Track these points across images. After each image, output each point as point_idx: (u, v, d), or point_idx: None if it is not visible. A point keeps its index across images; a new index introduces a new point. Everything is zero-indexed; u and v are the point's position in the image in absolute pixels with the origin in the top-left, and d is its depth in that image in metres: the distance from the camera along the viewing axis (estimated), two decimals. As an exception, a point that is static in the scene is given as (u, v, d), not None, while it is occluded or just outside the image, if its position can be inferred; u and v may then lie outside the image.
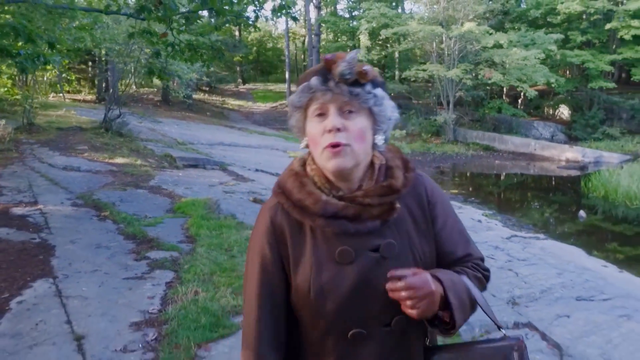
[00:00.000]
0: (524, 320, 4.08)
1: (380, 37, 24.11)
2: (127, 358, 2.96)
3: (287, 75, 31.78)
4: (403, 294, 1.12)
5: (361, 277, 1.18)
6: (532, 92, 20.57)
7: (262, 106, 31.20)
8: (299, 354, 1.26)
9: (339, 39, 29.23)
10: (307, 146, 1.24)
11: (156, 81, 25.25)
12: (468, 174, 17.35)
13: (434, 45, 22.10)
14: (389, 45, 26.26)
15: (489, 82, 20.52)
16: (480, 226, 8.32)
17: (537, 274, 5.63)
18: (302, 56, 44.80)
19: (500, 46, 20.08)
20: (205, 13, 8.34)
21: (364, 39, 23.15)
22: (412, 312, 1.13)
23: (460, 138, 21.94)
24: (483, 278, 1.31)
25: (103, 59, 21.35)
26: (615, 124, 23.47)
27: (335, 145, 1.15)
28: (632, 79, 23.76)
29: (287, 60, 33.20)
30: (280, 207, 1.23)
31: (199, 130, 17.53)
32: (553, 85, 22.23)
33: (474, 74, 20.86)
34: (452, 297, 1.16)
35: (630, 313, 4.60)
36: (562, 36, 22.44)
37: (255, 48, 44.02)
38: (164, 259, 4.52)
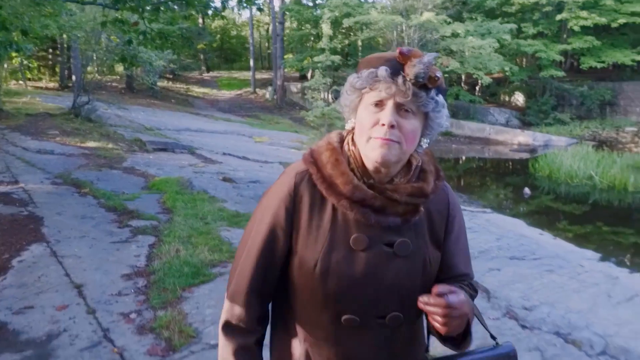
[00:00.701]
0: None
1: (343, 26, 24.69)
2: (122, 300, 3.50)
3: (251, 63, 32.01)
4: (439, 310, 1.12)
5: (369, 267, 1.19)
6: (487, 80, 21.55)
7: (227, 94, 31.41)
8: (289, 327, 1.29)
9: (303, 27, 29.61)
10: (352, 128, 1.24)
11: (120, 69, 25.24)
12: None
13: (395, 34, 22.83)
14: (352, 33, 26.86)
15: (447, 69, 21.37)
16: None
17: (478, 239, 6.35)
18: (267, 44, 44.94)
19: (457, 35, 20.95)
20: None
21: (326, 28, 23.62)
22: (442, 329, 1.14)
23: (420, 124, 22.79)
24: (475, 295, 1.37)
25: (66, 45, 21.27)
26: (566, 110, 24.76)
27: (385, 139, 1.14)
28: (581, 67, 25.05)
29: (251, 48, 33.41)
30: (308, 175, 1.22)
31: (165, 117, 17.80)
32: (507, 74, 23.30)
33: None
34: (470, 316, 1.20)
35: (554, 269, 5.35)
36: (516, 26, 23.48)
37: (219, 36, 43.94)
38: (145, 227, 5.03)
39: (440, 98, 1.18)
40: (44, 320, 3.20)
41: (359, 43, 28.04)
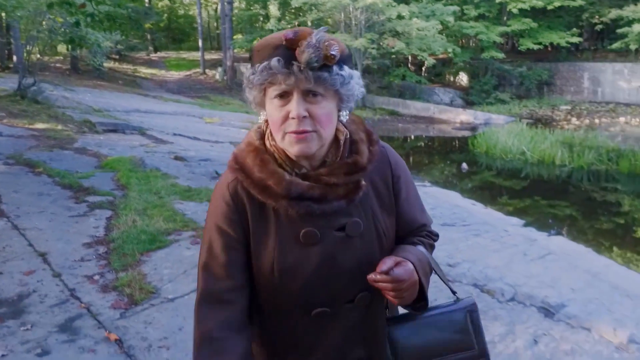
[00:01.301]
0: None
1: (293, 7, 24.86)
2: (85, 264, 3.85)
3: (200, 44, 31.76)
4: (388, 285, 1.13)
5: (326, 257, 1.17)
6: (431, 61, 22.33)
7: (175, 75, 31.09)
8: (262, 334, 1.28)
9: (252, 8, 29.55)
10: (266, 121, 1.19)
11: (63, 49, 24.58)
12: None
13: (342, 15, 23.21)
14: (301, 14, 27.05)
15: (393, 50, 21.99)
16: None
17: (414, 208, 6.93)
18: (215, 24, 44.44)
19: (402, 17, 21.54)
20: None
21: (274, 10, 23.78)
22: (396, 301, 1.17)
23: (368, 104, 23.41)
24: (434, 243, 1.37)
25: (4, 24, 20.59)
26: (507, 89, 25.91)
27: (300, 132, 1.10)
28: (519, 48, 26.22)
29: (199, 28, 33.10)
30: (239, 183, 1.18)
31: (113, 99, 17.66)
32: (451, 55, 24.15)
33: (379, 44, 22.27)
34: (422, 277, 1.19)
35: (480, 233, 5.95)
36: (458, 8, 24.31)
37: (166, 15, 43.11)
38: (101, 202, 5.33)
39: (345, 70, 1.12)
40: (13, 284, 3.51)
41: (309, 24, 28.31)
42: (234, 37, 28.22)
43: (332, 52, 1.06)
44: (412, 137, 18.97)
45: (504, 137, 13.78)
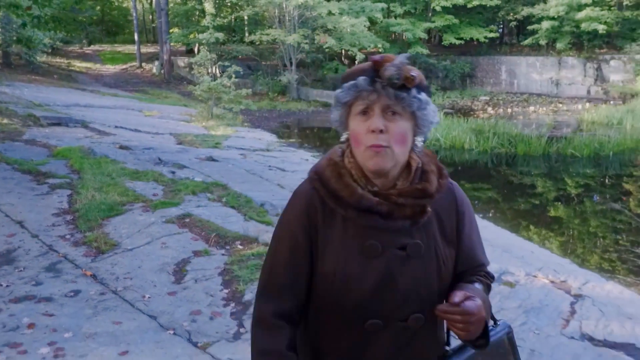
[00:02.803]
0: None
1: (229, 2, 25.61)
2: (57, 228, 4.79)
3: (136, 37, 31.77)
4: (458, 317, 1.19)
5: (385, 272, 1.24)
6: (361, 56, 23.70)
7: (111, 68, 31.05)
8: (310, 336, 1.34)
9: (188, 2, 29.95)
10: (347, 139, 1.29)
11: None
12: (306, 127, 20.03)
13: (277, 11, 24.21)
14: (238, 8, 27.79)
15: (325, 46, 23.23)
16: (306, 163, 10.68)
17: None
18: (151, 17, 44.22)
19: (332, 14, 22.80)
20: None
21: (209, 7, 24.46)
22: (461, 334, 1.22)
23: (303, 96, 24.57)
24: (491, 285, 1.42)
25: None
26: (433, 82, 27.72)
27: (377, 146, 1.20)
28: (443, 43, 28.11)
29: (135, 21, 33.07)
30: (316, 193, 1.29)
31: (51, 93, 17.91)
32: (380, 50, 25.64)
33: (312, 39, 23.45)
34: (487, 317, 1.27)
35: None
36: (386, 5, 25.83)
37: (99, 7, 42.49)
38: (60, 183, 6.20)
39: (423, 96, 1.23)
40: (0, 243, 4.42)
41: (245, 18, 29.05)
42: (171, 31, 28.56)
43: (413, 74, 1.19)
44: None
45: (422, 125, 15.25)
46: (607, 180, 11.32)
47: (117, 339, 3.08)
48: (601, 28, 23.87)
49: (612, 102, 22.96)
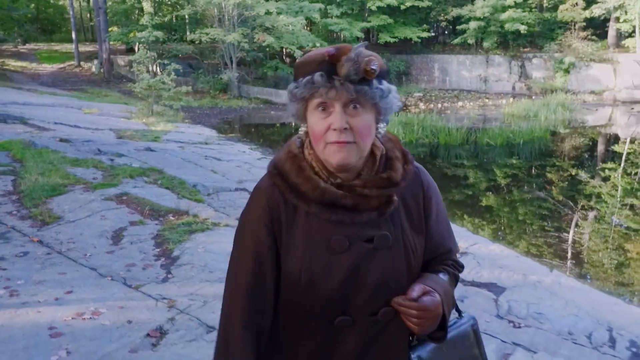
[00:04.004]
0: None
1: (168, 1, 25.84)
2: (3, 206, 5.33)
3: (73, 35, 31.36)
4: (413, 312, 1.18)
5: (353, 267, 1.20)
6: (299, 53, 24.49)
7: (48, 67, 30.58)
8: (279, 336, 1.30)
9: (126, 1, 29.86)
10: (306, 132, 1.24)
11: None
12: (247, 124, 20.67)
13: (216, 10, 24.67)
14: (178, 6, 28.00)
15: (264, 44, 23.90)
16: (242, 155, 11.34)
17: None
18: (89, 15, 43.48)
19: (270, 13, 23.52)
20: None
21: (147, 6, 24.65)
22: (415, 329, 1.20)
23: (244, 94, 25.15)
24: (459, 274, 1.39)
25: None
26: (371, 79, 28.91)
27: (340, 143, 1.15)
28: (379, 42, 29.33)
29: (72, 20, 32.61)
30: (276, 188, 1.24)
31: (-15, 92, 17.80)
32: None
33: (252, 38, 24.07)
34: (446, 310, 1.25)
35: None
36: (323, 6, 26.75)
37: (33, 5, 41.43)
38: (3, 171, 6.66)
39: (384, 84, 1.18)
40: (-50, 219, 4.92)
41: (186, 17, 29.26)
42: (110, 29, 28.45)
43: (372, 67, 1.12)
44: (283, 123, 21.06)
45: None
46: (511, 163, 12.57)
47: (63, 284, 3.72)
48: (523, 28, 25.62)
49: (534, 97, 24.70)
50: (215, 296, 3.55)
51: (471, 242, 5.93)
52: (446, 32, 33.51)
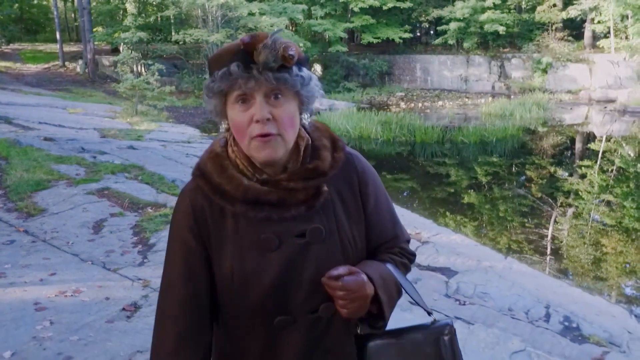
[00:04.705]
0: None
1: (153, 2, 26.06)
2: (-9, 200, 5.64)
3: (58, 36, 31.41)
4: (338, 292, 1.14)
5: (286, 264, 1.16)
6: (282, 54, 24.90)
7: (32, 67, 30.61)
8: (218, 342, 1.27)
9: (111, 1, 30.00)
10: (227, 129, 1.20)
11: None
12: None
13: (200, 11, 24.96)
14: (163, 7, 28.22)
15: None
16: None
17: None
18: (73, 15, 43.46)
19: (253, 14, 23.87)
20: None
21: (130, 7, 24.87)
22: (343, 311, 1.16)
23: (229, 94, 25.41)
24: (408, 263, 1.34)
25: None
26: (354, 79, 29.37)
27: (265, 135, 1.11)
28: (362, 42, 29.80)
29: (56, 20, 32.67)
30: (200, 190, 1.20)
31: (-30, 92, 17.95)
32: (303, 49, 26.93)
33: (234, 38, 24.39)
34: (382, 295, 1.19)
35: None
36: (307, 7, 27.15)
37: (17, 5, 41.30)
38: (-11, 167, 6.97)
39: (305, 71, 1.15)
40: (-60, 212, 5.24)
41: (172, 18, 29.47)
42: (94, 29, 28.58)
43: (290, 53, 1.08)
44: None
45: (335, 119, 16.65)
46: (487, 160, 13.05)
47: (47, 267, 4.08)
48: (501, 29, 26.21)
49: (512, 96, 25.28)
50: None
51: (434, 232, 6.33)
52: (428, 32, 34.06)
